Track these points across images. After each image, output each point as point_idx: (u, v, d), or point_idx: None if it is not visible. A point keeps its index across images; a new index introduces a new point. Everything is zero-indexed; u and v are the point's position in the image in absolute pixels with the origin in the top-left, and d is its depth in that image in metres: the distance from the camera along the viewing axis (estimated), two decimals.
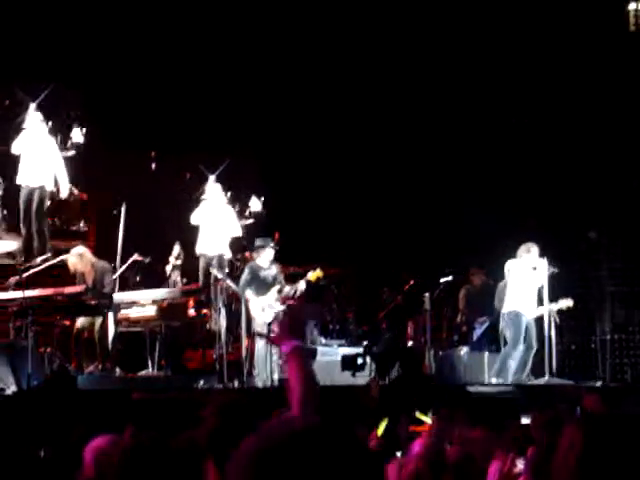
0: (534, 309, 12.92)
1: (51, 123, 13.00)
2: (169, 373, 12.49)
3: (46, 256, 12.46)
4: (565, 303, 13.11)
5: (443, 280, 15.00)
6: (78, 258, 12.03)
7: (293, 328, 3.48)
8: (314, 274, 12.55)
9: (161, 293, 13.00)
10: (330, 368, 12.10)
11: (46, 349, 11.44)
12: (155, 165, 17.32)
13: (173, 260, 14.61)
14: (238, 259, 14.57)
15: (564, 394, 10.88)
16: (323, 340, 14.29)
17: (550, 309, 12.98)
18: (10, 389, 9.82)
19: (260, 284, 12.54)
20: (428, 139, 17.73)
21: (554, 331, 12.99)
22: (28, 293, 10.92)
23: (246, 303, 12.40)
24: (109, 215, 13.99)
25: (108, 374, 11.57)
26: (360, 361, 12.88)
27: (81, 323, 11.72)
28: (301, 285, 12.53)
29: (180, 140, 16.51)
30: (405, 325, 15.73)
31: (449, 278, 15.03)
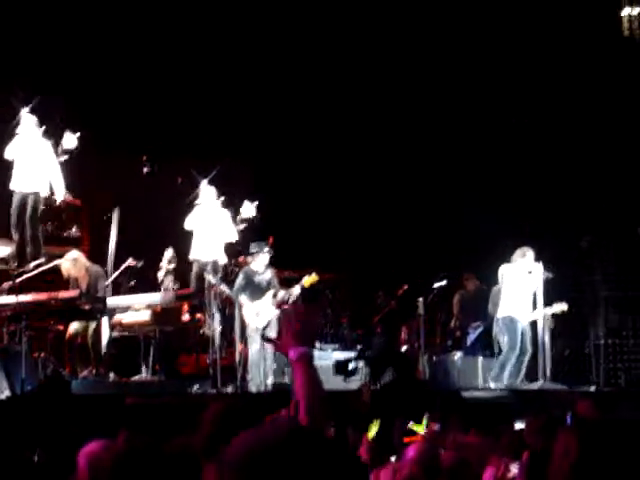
0: (529, 314, 12.92)
1: (44, 128, 12.93)
2: (163, 378, 12.47)
3: (40, 261, 12.42)
4: (559, 307, 13.11)
5: (437, 285, 15.00)
6: (72, 263, 11.99)
7: (303, 334, 3.43)
8: (309, 279, 12.51)
9: (155, 298, 12.96)
10: (323, 372, 12.03)
11: (40, 354, 11.41)
12: (147, 169, 17.28)
13: (166, 265, 14.50)
14: (233, 264, 14.52)
15: (558, 399, 10.89)
16: (317, 344, 14.27)
17: (544, 313, 12.98)
18: (4, 394, 9.79)
19: (255, 289, 12.51)
20: (422, 143, 17.74)
21: (548, 336, 12.99)
22: (22, 298, 10.90)
23: (240, 308, 12.39)
24: (103, 220, 13.95)
25: (102, 379, 11.54)
26: (352, 366, 12.87)
27: (75, 328, 11.68)
28: (296, 290, 12.49)
29: (172, 144, 16.48)
30: (399, 330, 15.73)
31: (443, 283, 15.04)
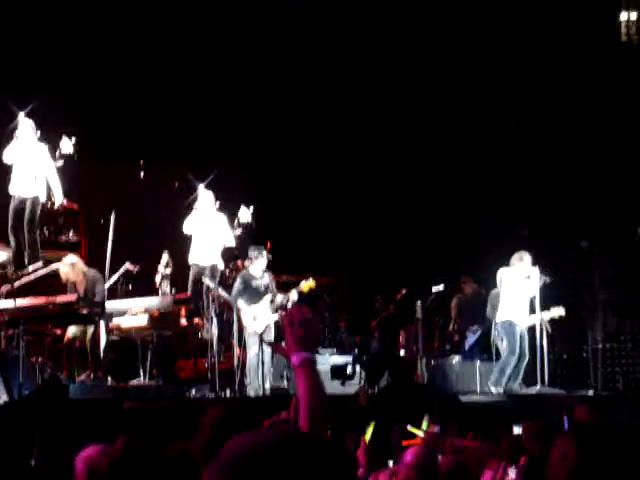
0: (527, 318, 12.92)
1: (39, 133, 12.91)
2: (161, 382, 12.45)
3: (37, 265, 12.40)
4: (557, 312, 13.11)
5: (435, 289, 14.99)
6: (70, 267, 11.99)
7: (306, 340, 3.42)
8: (306, 284, 12.50)
9: (153, 302, 12.96)
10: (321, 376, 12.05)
11: (37, 358, 11.41)
12: (144, 174, 17.30)
13: (162, 269, 14.47)
14: (230, 268, 14.51)
15: (556, 403, 10.88)
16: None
17: (542, 318, 12.98)
18: (1, 399, 9.78)
19: (252, 293, 12.51)
20: (420, 147, 17.75)
21: (546, 340, 12.98)
22: (19, 302, 10.89)
23: (238, 312, 12.38)
24: (99, 224, 13.94)
25: (100, 383, 11.52)
26: (349, 370, 12.88)
27: (73, 332, 11.67)
28: (293, 295, 12.49)
29: (168, 149, 16.50)
30: (397, 334, 15.74)
31: (441, 287, 15.03)
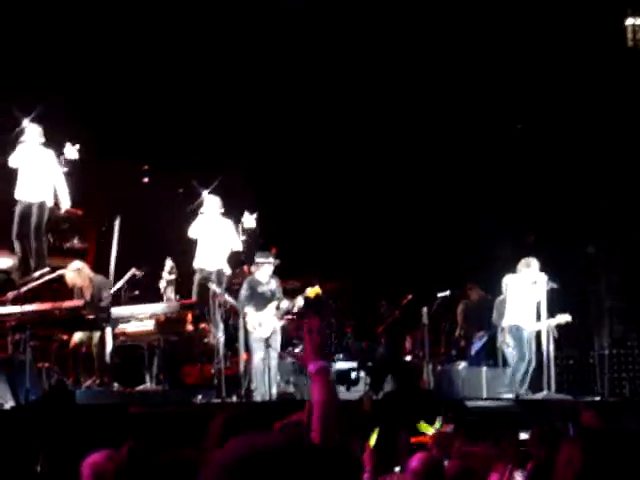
0: (533, 323, 12.91)
1: (44, 138, 12.90)
2: (167, 388, 12.43)
3: (43, 271, 12.40)
4: (563, 318, 13.10)
5: (441, 295, 14.99)
6: (76, 273, 11.99)
7: (322, 348, 3.45)
8: (312, 290, 12.50)
9: (159, 307, 12.95)
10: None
11: (44, 364, 11.40)
12: (148, 180, 17.30)
13: (166, 275, 14.44)
14: (238, 273, 14.50)
15: (562, 409, 10.87)
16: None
17: (548, 324, 12.97)
18: (8, 404, 9.79)
19: (259, 299, 12.50)
20: (425, 153, 17.75)
21: (552, 346, 12.98)
22: (26, 308, 10.90)
23: (244, 317, 12.38)
24: (104, 230, 13.93)
25: (106, 389, 11.51)
26: (354, 375, 12.87)
27: (79, 337, 11.67)
28: (299, 301, 12.49)
29: (172, 156, 16.50)
30: (403, 339, 15.73)
31: (447, 293, 15.03)
